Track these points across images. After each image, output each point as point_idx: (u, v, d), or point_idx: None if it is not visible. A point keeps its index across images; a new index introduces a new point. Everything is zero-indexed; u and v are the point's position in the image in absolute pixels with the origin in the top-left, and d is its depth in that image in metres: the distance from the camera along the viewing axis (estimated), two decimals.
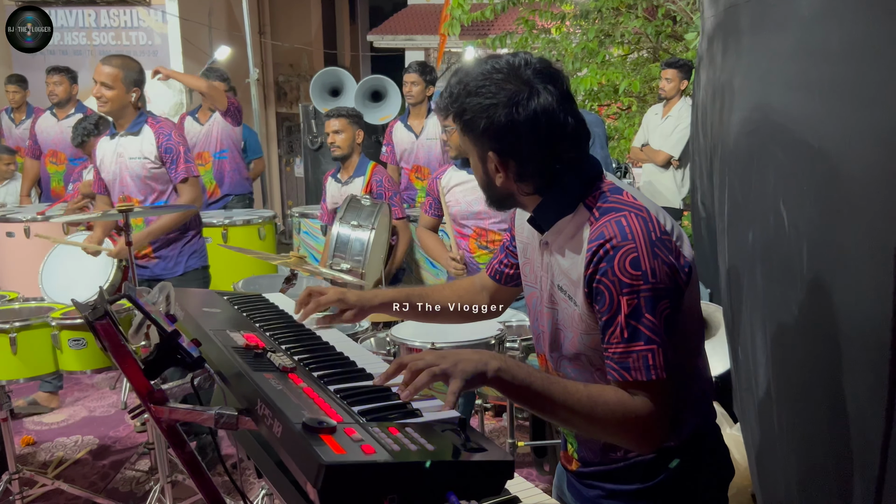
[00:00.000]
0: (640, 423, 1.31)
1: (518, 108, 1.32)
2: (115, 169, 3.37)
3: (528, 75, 1.34)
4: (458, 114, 1.36)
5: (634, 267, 1.28)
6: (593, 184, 1.40)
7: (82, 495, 3.21)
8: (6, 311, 2.90)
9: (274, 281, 3.51)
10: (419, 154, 4.71)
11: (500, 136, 1.34)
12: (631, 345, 1.29)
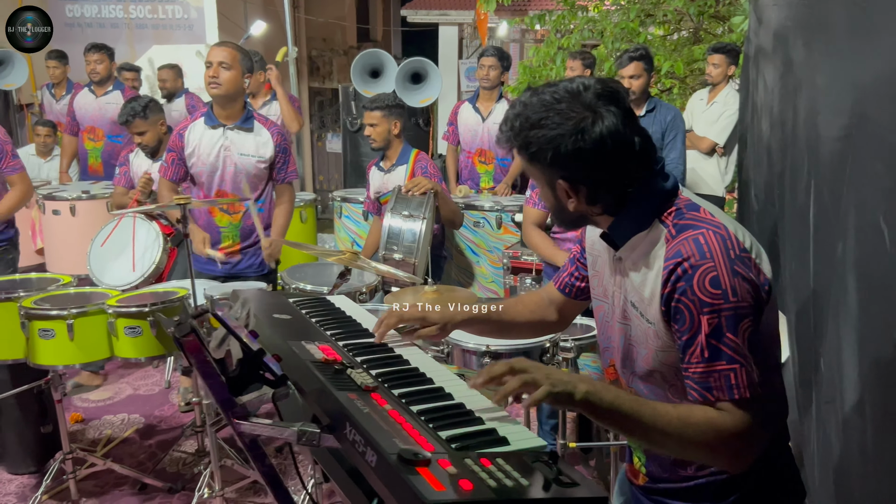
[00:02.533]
0: (730, 444, 1.30)
1: (584, 135, 1.31)
2: (216, 161, 3.28)
3: (590, 99, 1.33)
4: (522, 146, 1.37)
5: (714, 286, 1.27)
6: (668, 199, 1.39)
7: (132, 475, 3.28)
8: (62, 297, 2.94)
9: (319, 269, 3.52)
10: (484, 138, 4.71)
11: (569, 165, 1.34)
12: (712, 364, 1.29)
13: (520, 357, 1.38)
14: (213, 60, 3.17)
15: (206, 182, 3.32)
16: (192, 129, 3.32)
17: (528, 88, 1.40)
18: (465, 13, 10.25)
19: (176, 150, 3.33)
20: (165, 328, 1.35)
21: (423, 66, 5.18)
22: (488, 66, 4.65)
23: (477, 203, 4.33)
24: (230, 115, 3.28)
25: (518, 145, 1.37)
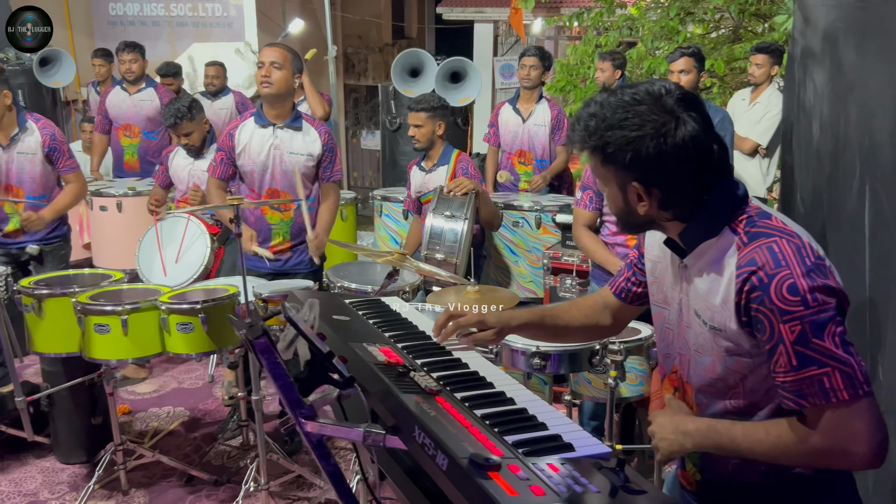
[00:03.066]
0: (837, 449, 1.30)
1: (666, 138, 1.31)
2: (266, 160, 3.33)
3: (671, 104, 1.33)
4: (598, 147, 1.36)
5: (792, 293, 1.27)
6: (739, 207, 1.39)
7: (179, 467, 3.36)
8: (116, 293, 3.02)
9: (363, 268, 3.56)
10: (524, 139, 4.73)
11: (647, 167, 1.34)
12: (802, 371, 1.28)
13: (657, 415, 1.46)
14: (265, 60, 3.23)
15: (257, 180, 3.38)
16: (243, 128, 3.38)
17: (604, 89, 1.41)
18: (501, 10, 10.22)
19: (225, 150, 3.39)
20: (237, 330, 1.39)
21: (462, 65, 5.20)
22: (529, 66, 4.65)
23: (516, 203, 4.34)
24: (280, 114, 3.33)
25: (592, 145, 1.36)
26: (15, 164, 3.73)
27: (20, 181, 3.76)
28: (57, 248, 3.91)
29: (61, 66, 6.36)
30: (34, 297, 2.98)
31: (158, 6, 8.73)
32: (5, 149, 3.69)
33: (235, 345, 2.94)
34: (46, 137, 3.71)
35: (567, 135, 1.43)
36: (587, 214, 3.12)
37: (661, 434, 1.43)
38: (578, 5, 8.89)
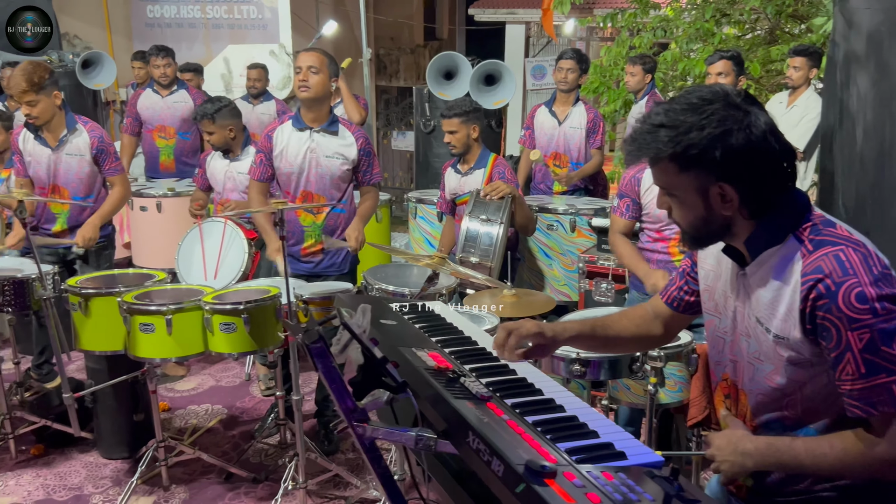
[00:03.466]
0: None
1: (751, 130, 1.33)
2: (303, 163, 3.38)
3: (739, 101, 1.35)
4: (679, 153, 1.34)
5: (861, 301, 1.28)
6: (803, 215, 1.40)
7: (218, 464, 3.42)
8: (160, 292, 3.09)
9: (399, 270, 3.59)
10: (559, 141, 4.73)
11: (735, 162, 1.33)
12: (871, 379, 1.29)
13: (715, 437, 1.47)
14: (302, 65, 3.27)
15: (293, 183, 3.43)
16: (281, 131, 3.44)
17: (655, 103, 1.43)
18: (533, 11, 10.22)
19: (265, 152, 3.45)
20: (293, 334, 1.42)
21: (497, 67, 5.21)
22: (566, 69, 4.65)
23: (551, 206, 4.34)
24: (317, 118, 3.38)
25: (670, 153, 1.35)
26: (62, 165, 3.81)
27: (66, 182, 3.85)
28: (101, 248, 3.99)
29: (103, 69, 6.49)
30: (80, 296, 3.06)
31: (195, 8, 8.85)
32: (54, 150, 3.78)
33: (276, 345, 2.99)
34: (94, 139, 3.80)
35: (631, 151, 1.41)
36: (623, 222, 3.14)
37: (722, 456, 1.44)
38: (612, 6, 8.86)
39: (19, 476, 3.44)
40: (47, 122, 3.68)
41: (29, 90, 3.53)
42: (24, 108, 3.58)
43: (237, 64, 8.57)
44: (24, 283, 3.28)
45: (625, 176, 3.19)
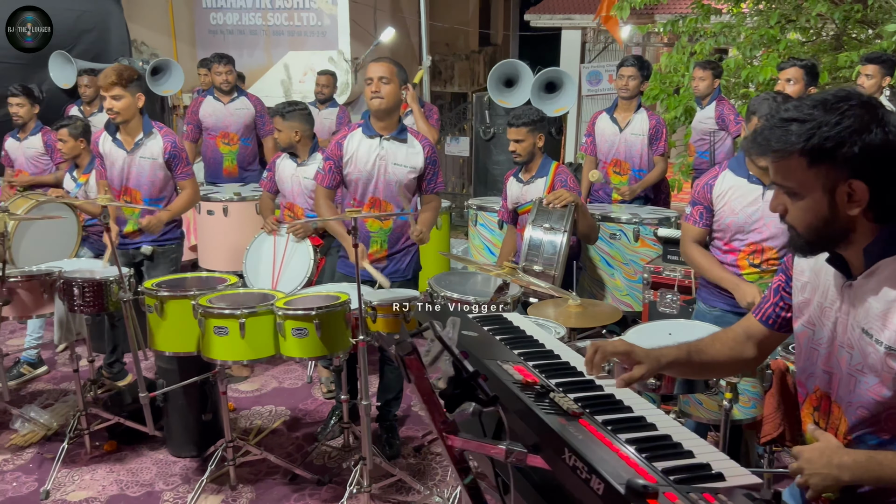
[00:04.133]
0: None
1: (886, 127, 1.33)
2: (372, 170, 3.44)
3: (864, 99, 1.35)
4: (812, 147, 1.33)
5: None
6: None
7: (283, 465, 3.48)
8: (232, 296, 3.16)
9: (464, 278, 3.61)
10: (620, 148, 4.71)
11: (870, 159, 1.32)
12: None
13: (804, 450, 1.45)
14: (373, 76, 3.32)
15: (361, 189, 3.48)
16: (351, 138, 3.49)
17: (769, 114, 1.44)
18: (590, 17, 10.16)
19: (334, 159, 3.51)
20: (385, 345, 1.45)
21: (558, 75, 5.20)
22: (628, 77, 4.62)
23: (613, 214, 4.31)
24: (387, 126, 3.43)
25: (802, 147, 1.34)
26: (136, 168, 3.93)
27: (139, 184, 3.96)
28: (170, 250, 4.10)
29: (171, 76, 6.69)
30: (157, 299, 3.15)
31: (256, 16, 9.06)
32: (129, 153, 3.90)
33: (345, 350, 3.03)
34: (168, 144, 3.91)
35: (758, 144, 1.40)
36: (697, 230, 3.06)
37: (812, 469, 1.41)
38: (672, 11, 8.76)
39: (94, 471, 3.56)
40: (126, 122, 3.79)
41: (117, 83, 3.66)
42: (109, 101, 3.70)
43: (296, 70, 8.75)
44: (102, 284, 3.39)
45: (697, 183, 3.14)
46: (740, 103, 6.67)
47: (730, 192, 2.95)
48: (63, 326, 3.52)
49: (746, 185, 2.90)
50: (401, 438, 3.77)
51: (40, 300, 3.49)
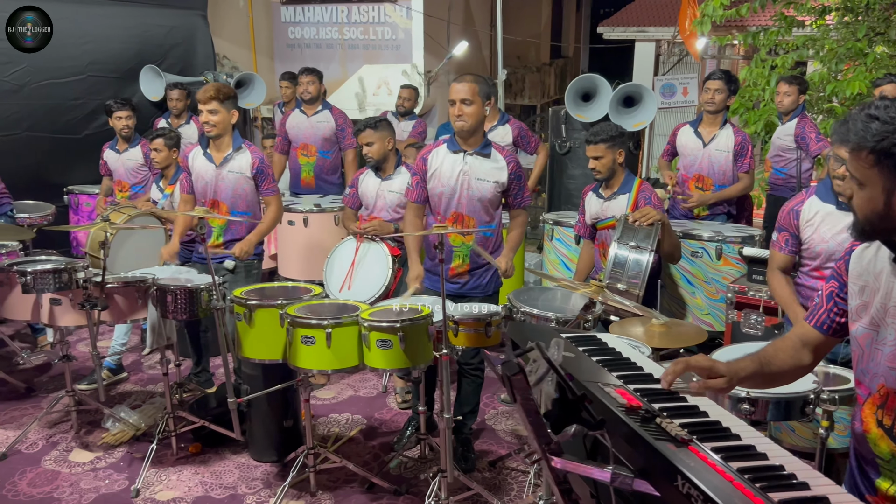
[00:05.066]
0: None
1: None
2: (455, 185, 3.48)
3: None
4: (880, 149, 1.43)
5: None
6: None
7: (361, 474, 3.53)
8: (318, 306, 3.24)
9: (544, 294, 3.60)
10: (703, 164, 4.63)
11: None
12: None
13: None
14: (455, 98, 3.35)
15: (444, 204, 3.52)
16: (436, 153, 3.54)
17: (861, 105, 1.48)
18: (664, 29, 10.03)
19: (420, 173, 3.56)
20: (491, 366, 1.47)
21: (638, 90, 5.15)
22: (714, 90, 4.54)
23: (695, 232, 4.24)
24: (470, 142, 3.46)
25: (872, 146, 1.43)
26: (223, 182, 4.06)
27: (226, 197, 4.10)
28: (251, 265, 4.20)
29: (254, 89, 6.90)
30: (246, 307, 3.25)
31: (333, 30, 9.27)
32: (218, 167, 4.04)
33: (427, 363, 3.07)
34: (256, 160, 4.03)
35: (840, 132, 1.49)
36: (783, 257, 3.04)
37: None
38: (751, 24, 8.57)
39: (180, 472, 3.69)
40: (219, 137, 3.94)
41: (215, 98, 3.81)
42: (205, 114, 3.85)
43: (370, 83, 8.90)
44: (194, 292, 3.52)
45: (783, 209, 3.08)
46: (822, 118, 6.47)
47: (818, 219, 2.91)
48: (155, 331, 3.67)
49: (836, 212, 2.85)
50: (476, 452, 3.78)
51: (135, 306, 3.65)
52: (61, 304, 3.62)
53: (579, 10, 13.21)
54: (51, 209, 5.51)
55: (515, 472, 3.63)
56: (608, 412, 1.48)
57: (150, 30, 6.62)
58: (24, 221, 5.18)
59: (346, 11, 9.13)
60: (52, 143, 6.05)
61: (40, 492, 3.51)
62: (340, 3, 9.11)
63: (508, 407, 4.37)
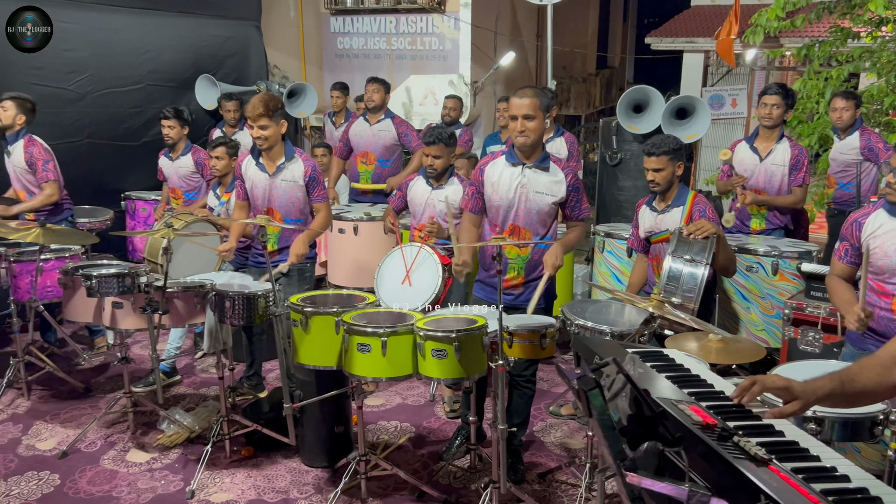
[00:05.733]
0: None
1: None
2: (513, 197, 3.49)
3: None
4: None
5: None
6: None
7: (411, 482, 3.55)
8: (373, 314, 3.27)
9: (597, 307, 3.59)
10: (760, 178, 4.56)
11: None
12: None
13: None
14: (517, 114, 3.35)
15: (501, 216, 3.53)
16: (494, 165, 3.55)
17: None
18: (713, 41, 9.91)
19: (476, 184, 3.58)
20: (567, 380, 1.48)
21: (691, 102, 5.10)
22: (771, 105, 4.48)
23: (751, 246, 4.18)
24: (530, 155, 3.47)
25: None
26: (277, 190, 4.14)
27: (280, 205, 4.17)
28: (305, 268, 4.28)
29: (305, 98, 7.02)
30: (302, 314, 3.30)
31: (381, 40, 9.37)
32: (271, 176, 4.12)
33: (481, 374, 3.08)
34: (308, 168, 4.10)
35: None
36: (842, 266, 3.05)
37: None
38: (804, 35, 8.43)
39: (233, 474, 3.75)
40: (270, 148, 4.02)
41: (264, 114, 3.89)
42: (256, 130, 3.94)
43: (417, 93, 8.97)
44: (251, 298, 3.58)
45: (848, 219, 3.05)
46: (879, 131, 6.33)
47: (882, 233, 2.86)
48: (212, 336, 3.74)
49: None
50: (525, 464, 3.77)
51: (193, 310, 3.73)
52: (123, 308, 3.72)
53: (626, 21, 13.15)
54: (109, 214, 5.67)
55: (565, 486, 3.61)
56: (684, 429, 1.47)
57: (207, 40, 6.77)
58: (83, 226, 5.35)
59: (394, 22, 9.22)
60: (111, 149, 6.22)
61: (100, 490, 3.60)
62: (389, 14, 9.21)
63: (557, 419, 4.35)
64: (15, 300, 4.43)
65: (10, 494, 3.55)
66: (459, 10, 8.80)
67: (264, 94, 4.00)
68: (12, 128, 4.80)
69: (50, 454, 3.92)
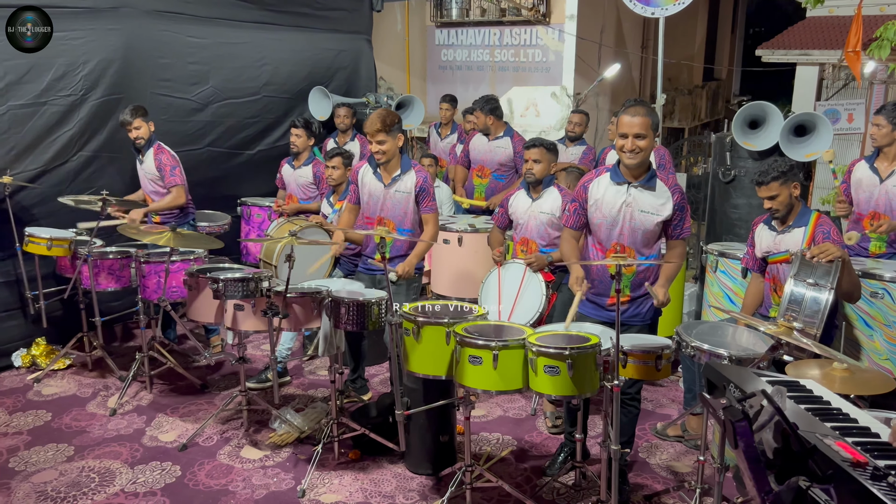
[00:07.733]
0: None
1: None
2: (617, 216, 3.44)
3: None
4: None
5: None
6: None
7: (516, 496, 3.56)
8: (484, 327, 3.30)
9: (713, 329, 3.49)
10: (880, 200, 4.36)
11: None
12: None
13: None
14: (629, 132, 3.31)
15: (605, 234, 3.50)
16: (598, 183, 3.53)
17: None
18: (829, 53, 9.48)
19: (579, 201, 3.57)
20: (711, 410, 1.46)
21: (811, 118, 4.91)
22: (876, 125, 4.25)
23: (876, 271, 3.98)
24: (636, 173, 3.43)
25: None
26: (390, 201, 4.25)
27: (393, 215, 4.28)
28: (413, 278, 4.36)
29: (413, 110, 7.17)
30: (414, 323, 3.37)
31: (484, 53, 9.46)
32: (386, 186, 4.24)
33: (593, 393, 3.06)
34: (420, 179, 4.20)
35: None
36: None
37: None
38: None
39: (341, 476, 3.86)
40: (388, 161, 4.14)
41: (381, 130, 4.02)
42: (374, 145, 4.07)
43: (519, 105, 9.00)
44: (365, 306, 3.69)
45: None
46: None
47: None
48: (327, 340, 3.88)
49: None
50: (630, 484, 3.71)
51: (310, 315, 3.87)
52: (244, 310, 3.90)
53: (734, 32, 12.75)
54: (227, 219, 5.95)
55: None
56: (833, 466, 1.43)
57: (320, 53, 7.02)
58: (203, 229, 5.64)
59: (498, 34, 9.29)
60: (228, 157, 6.53)
61: (217, 483, 3.78)
62: (493, 26, 9.29)
63: (662, 440, 4.27)
64: (143, 298, 4.72)
65: (137, 482, 3.78)
66: (565, 21, 8.78)
67: (382, 110, 4.12)
68: (147, 138, 5.13)
69: (171, 446, 4.15)
